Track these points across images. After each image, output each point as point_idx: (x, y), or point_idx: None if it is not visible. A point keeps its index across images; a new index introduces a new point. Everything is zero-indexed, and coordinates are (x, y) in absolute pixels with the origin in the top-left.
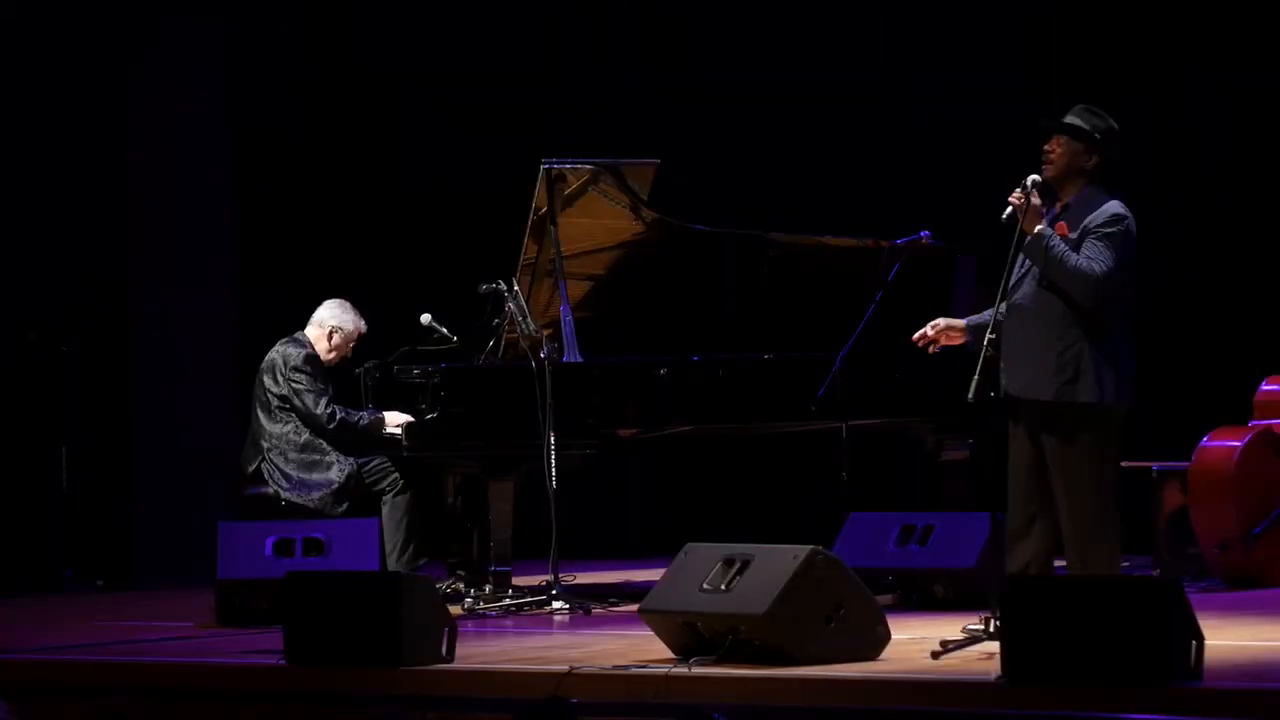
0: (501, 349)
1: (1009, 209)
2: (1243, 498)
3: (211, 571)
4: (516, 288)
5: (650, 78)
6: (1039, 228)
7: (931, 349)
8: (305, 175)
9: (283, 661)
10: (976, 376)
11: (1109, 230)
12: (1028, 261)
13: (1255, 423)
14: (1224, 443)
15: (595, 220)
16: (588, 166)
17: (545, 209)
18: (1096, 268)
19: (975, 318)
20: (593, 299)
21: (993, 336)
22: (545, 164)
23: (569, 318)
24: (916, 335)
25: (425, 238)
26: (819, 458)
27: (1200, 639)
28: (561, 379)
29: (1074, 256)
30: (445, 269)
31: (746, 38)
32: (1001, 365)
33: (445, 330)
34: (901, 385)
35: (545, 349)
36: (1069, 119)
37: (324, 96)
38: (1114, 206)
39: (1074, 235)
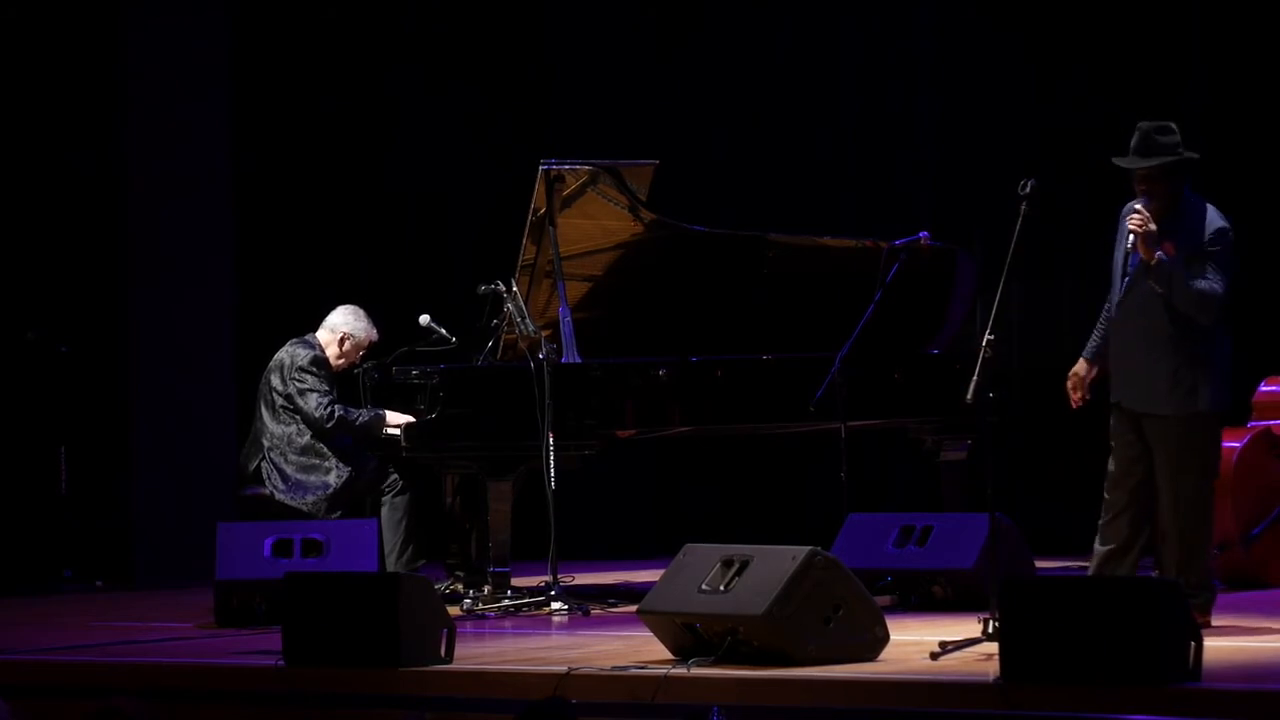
0: (500, 350)
1: (1130, 237)
2: (1241, 499)
3: (210, 572)
4: (515, 288)
5: (654, 78)
6: (1158, 255)
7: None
8: (306, 175)
9: (281, 662)
10: (975, 377)
11: (1216, 249)
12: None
13: (1254, 424)
14: (1223, 444)
15: (594, 221)
16: (586, 167)
17: (544, 209)
18: (1218, 289)
19: (1091, 348)
20: (591, 300)
21: (991, 338)
22: (544, 164)
23: (568, 318)
24: (1075, 401)
25: (424, 238)
26: (819, 458)
27: (1199, 639)
28: (560, 380)
29: (1197, 282)
30: (445, 269)
31: (747, 37)
32: (1113, 373)
33: (444, 331)
34: (901, 386)
35: (544, 350)
36: (1154, 158)
37: (324, 96)
38: (1216, 219)
39: (1183, 251)
